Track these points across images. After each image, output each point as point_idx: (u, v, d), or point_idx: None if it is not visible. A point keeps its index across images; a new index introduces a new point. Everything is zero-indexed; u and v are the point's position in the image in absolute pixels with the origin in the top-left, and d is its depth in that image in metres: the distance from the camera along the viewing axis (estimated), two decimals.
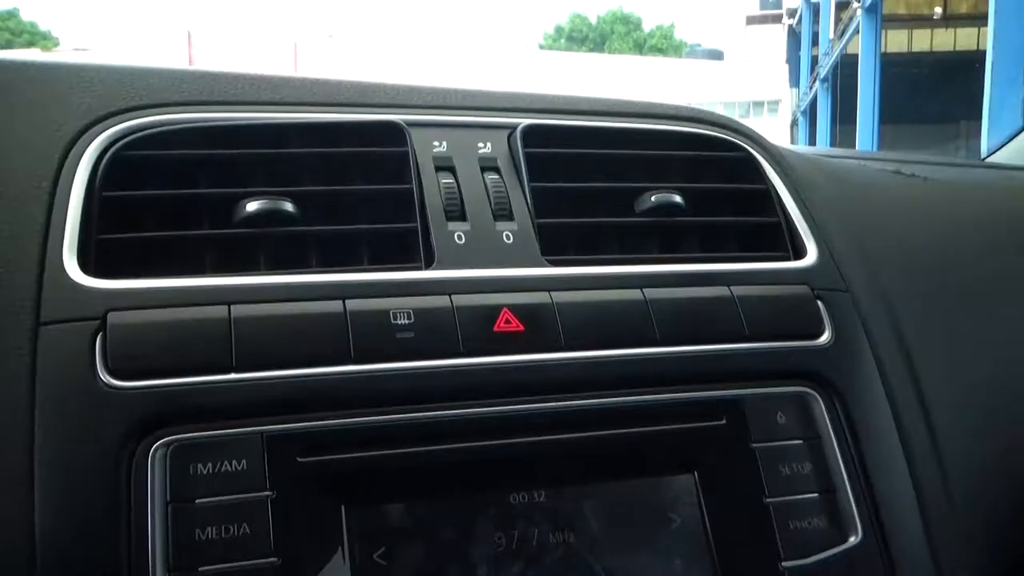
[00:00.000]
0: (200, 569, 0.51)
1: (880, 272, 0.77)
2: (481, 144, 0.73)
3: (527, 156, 0.72)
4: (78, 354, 0.55)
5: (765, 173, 0.78)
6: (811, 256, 0.74)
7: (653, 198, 0.73)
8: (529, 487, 0.59)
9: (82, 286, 0.57)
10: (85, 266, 0.58)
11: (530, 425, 0.60)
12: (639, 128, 0.77)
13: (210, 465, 0.54)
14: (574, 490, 0.60)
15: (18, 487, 0.51)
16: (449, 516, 0.58)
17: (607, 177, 0.74)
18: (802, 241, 0.75)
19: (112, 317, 0.56)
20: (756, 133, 0.82)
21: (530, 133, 0.73)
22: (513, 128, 0.73)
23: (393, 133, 0.69)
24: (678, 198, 0.73)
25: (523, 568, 0.57)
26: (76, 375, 0.54)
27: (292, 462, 0.55)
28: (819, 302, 0.70)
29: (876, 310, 0.73)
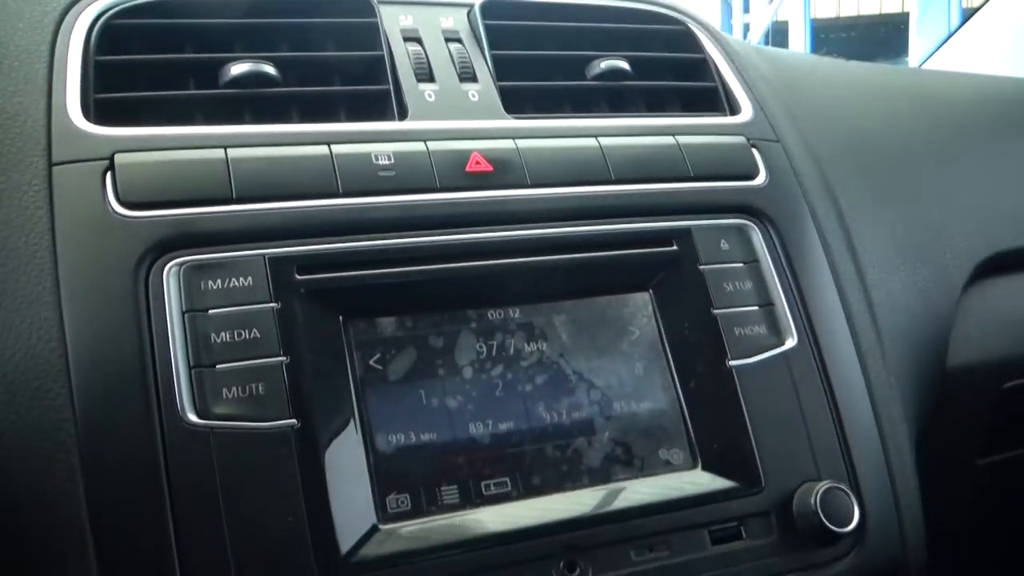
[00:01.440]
0: (218, 367, 0.57)
1: (807, 129, 0.85)
2: (444, 19, 0.80)
3: (487, 27, 0.78)
4: (90, 189, 0.60)
5: (703, 45, 0.86)
6: (746, 113, 0.82)
7: (603, 65, 0.80)
8: (505, 304, 0.67)
9: (88, 132, 0.63)
10: (88, 118, 0.64)
11: (503, 250, 0.67)
12: (589, 3, 0.84)
13: (219, 281, 0.60)
14: (545, 307, 0.68)
15: (47, 304, 0.57)
16: (436, 328, 0.64)
17: (561, 47, 0.81)
18: (737, 102, 0.83)
19: (119, 157, 0.62)
20: (695, 13, 0.90)
21: (488, 7, 0.79)
22: (472, 6, 0.80)
23: (363, 7, 0.75)
24: (625, 65, 0.81)
25: (503, 370, 0.65)
26: (90, 206, 0.60)
27: (292, 280, 0.61)
28: (754, 150, 0.79)
29: (804, 160, 0.82)
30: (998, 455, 0.95)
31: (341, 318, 0.62)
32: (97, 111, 0.65)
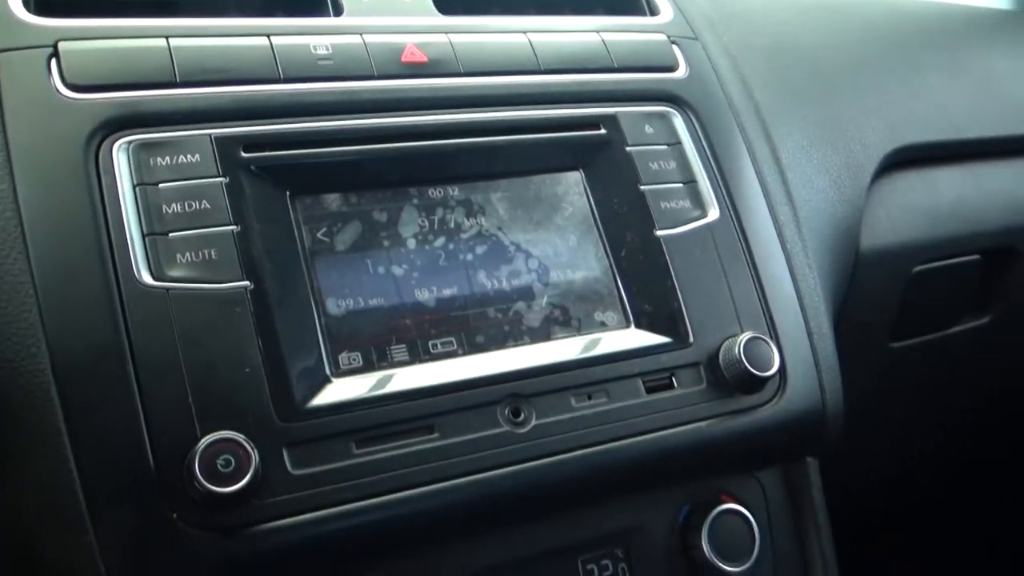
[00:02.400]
0: (170, 235, 0.60)
1: (727, 33, 0.90)
2: None
3: None
4: (36, 74, 0.62)
5: None
6: (666, 15, 0.87)
7: None
8: (445, 183, 0.70)
9: (31, 23, 0.65)
10: (29, 10, 0.65)
11: (441, 132, 0.71)
12: None
13: (168, 158, 0.62)
14: (482, 185, 0.71)
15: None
16: (379, 203, 0.68)
17: None
18: (657, 6, 0.88)
19: (63, 45, 0.63)
20: None
21: None
22: None
23: None
24: None
25: (445, 242, 0.68)
26: (36, 89, 0.62)
27: (239, 157, 0.64)
28: (674, 46, 0.83)
29: (722, 57, 0.87)
30: (910, 339, 1.02)
31: (288, 194, 0.65)
32: (38, 5, 0.66)
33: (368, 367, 0.63)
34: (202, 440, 0.54)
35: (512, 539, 0.67)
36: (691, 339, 0.70)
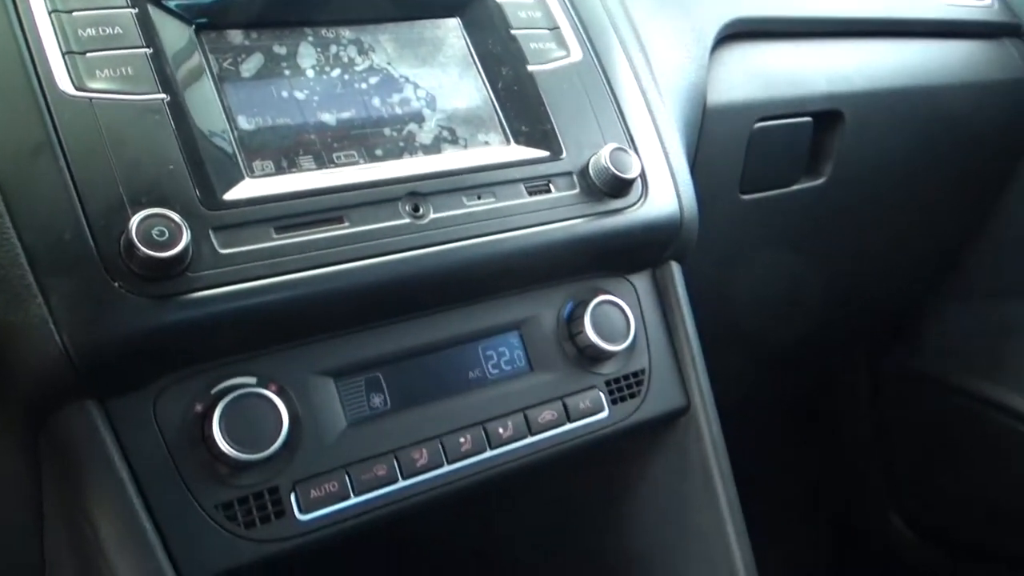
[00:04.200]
0: (88, 54, 0.65)
1: None
2: None
3: None
4: None
5: None
6: None
7: None
8: (336, 24, 0.78)
9: None
10: None
11: None
12: None
13: None
14: (371, 27, 0.79)
15: None
16: (278, 39, 0.75)
17: None
18: None
19: None
20: None
21: None
22: None
23: None
24: None
25: (340, 72, 0.76)
26: None
27: None
28: None
29: None
30: (756, 193, 1.16)
31: (193, 28, 0.72)
32: None
33: (280, 172, 0.70)
34: (137, 215, 0.60)
35: (420, 328, 0.75)
36: (564, 153, 0.80)
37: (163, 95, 0.66)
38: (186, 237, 0.60)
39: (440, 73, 0.81)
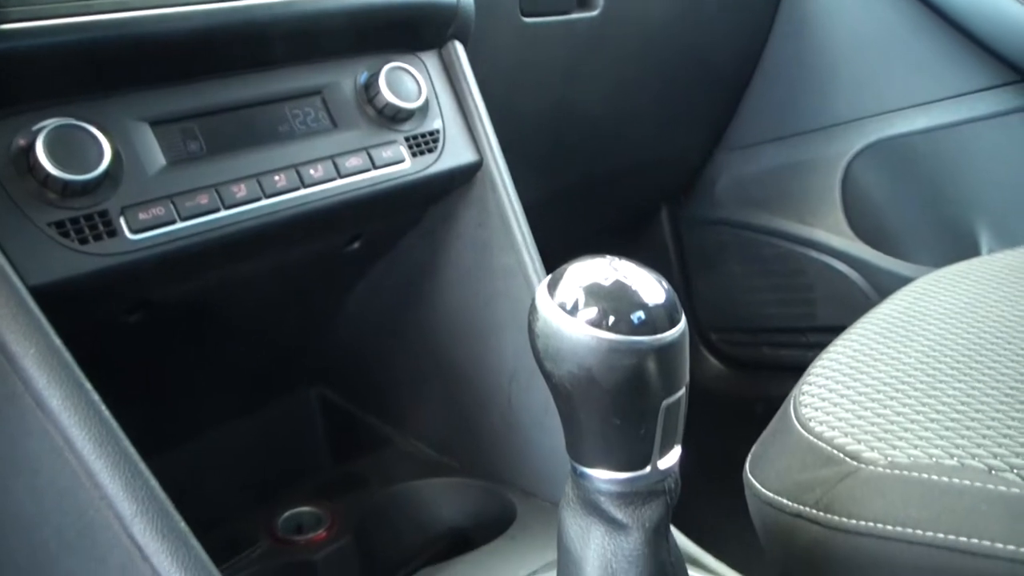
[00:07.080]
0: None
1: None
2: None
3: None
4: None
5: None
6: None
7: None
8: None
9: None
10: None
11: None
12: None
13: None
14: None
15: None
16: None
17: None
18: None
19: None
20: None
21: None
22: None
23: None
24: None
25: None
26: None
27: None
28: None
29: None
30: (536, 18, 1.30)
31: None
32: None
33: None
34: None
35: (230, 86, 0.83)
36: None
37: None
38: None
39: None
